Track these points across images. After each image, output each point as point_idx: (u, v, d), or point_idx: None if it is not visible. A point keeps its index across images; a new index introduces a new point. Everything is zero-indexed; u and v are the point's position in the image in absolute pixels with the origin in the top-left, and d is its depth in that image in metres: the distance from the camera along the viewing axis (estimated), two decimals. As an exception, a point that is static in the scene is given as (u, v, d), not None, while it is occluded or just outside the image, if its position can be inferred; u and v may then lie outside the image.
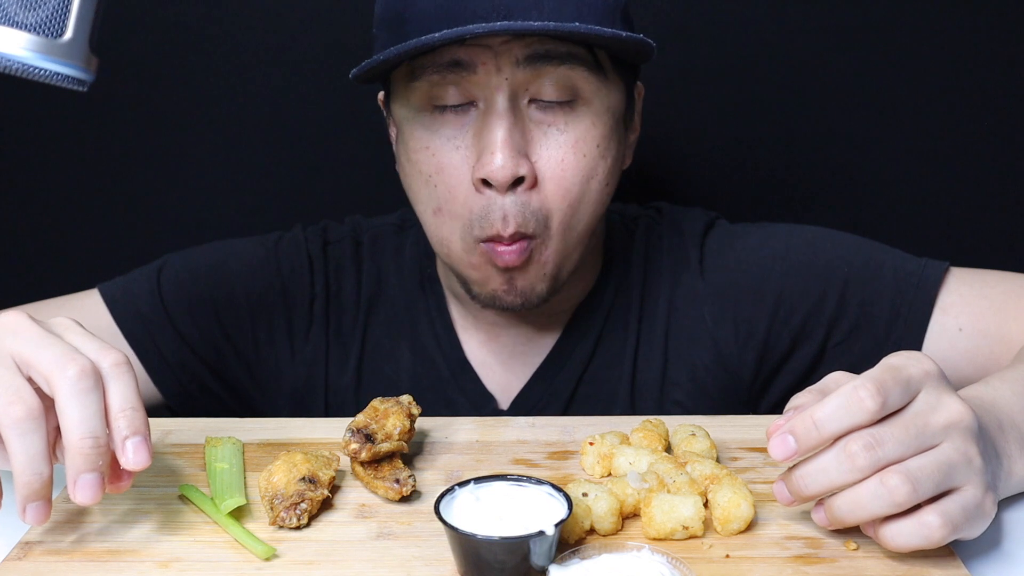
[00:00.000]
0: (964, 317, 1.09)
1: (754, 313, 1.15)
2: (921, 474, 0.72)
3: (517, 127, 1.00)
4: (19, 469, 0.73)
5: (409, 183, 1.08)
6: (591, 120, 1.03)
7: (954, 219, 1.60)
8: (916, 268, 1.12)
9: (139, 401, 0.77)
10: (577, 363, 1.18)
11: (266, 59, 1.56)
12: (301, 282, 1.22)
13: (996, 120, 1.56)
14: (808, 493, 0.75)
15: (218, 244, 1.25)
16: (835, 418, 0.73)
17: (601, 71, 1.03)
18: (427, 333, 1.21)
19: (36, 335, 0.76)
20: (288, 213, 1.58)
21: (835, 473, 0.73)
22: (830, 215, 1.58)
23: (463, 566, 0.75)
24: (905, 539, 0.73)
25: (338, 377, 1.21)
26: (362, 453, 0.85)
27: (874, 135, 1.57)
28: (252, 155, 1.61)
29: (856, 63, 1.54)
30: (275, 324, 1.21)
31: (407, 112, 1.05)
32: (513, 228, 1.01)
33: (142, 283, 1.19)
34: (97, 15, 0.76)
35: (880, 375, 0.74)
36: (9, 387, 0.74)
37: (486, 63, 0.99)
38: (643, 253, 1.21)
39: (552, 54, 0.99)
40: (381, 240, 1.25)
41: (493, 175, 0.99)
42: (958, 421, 0.74)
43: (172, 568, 0.77)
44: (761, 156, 1.59)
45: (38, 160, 1.63)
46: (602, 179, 1.05)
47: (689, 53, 1.54)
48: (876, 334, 1.11)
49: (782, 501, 0.77)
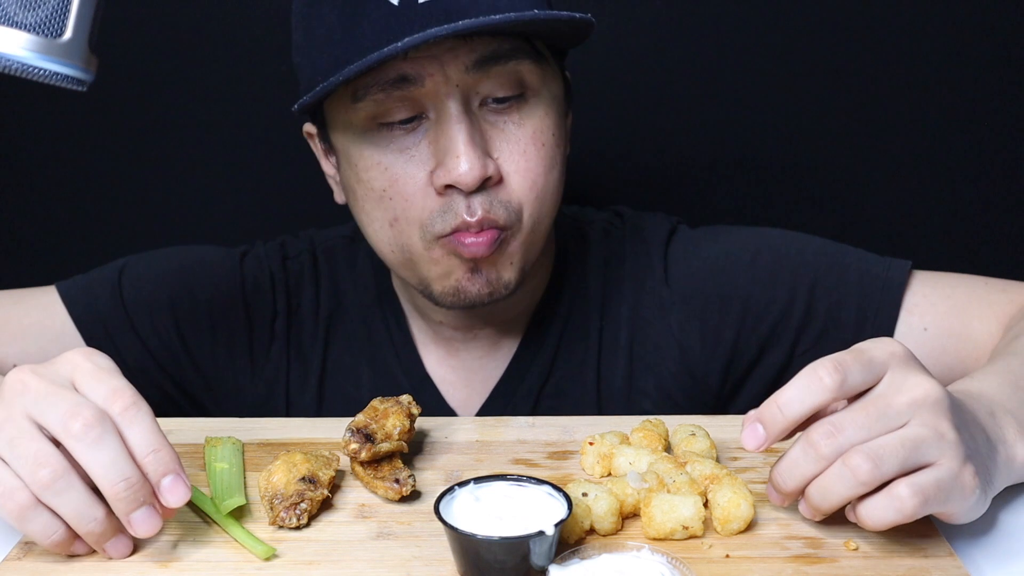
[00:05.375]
0: (929, 317, 1.09)
1: (721, 320, 1.15)
2: (883, 451, 0.72)
3: (476, 128, 0.99)
4: (75, 524, 0.75)
5: (360, 205, 1.05)
6: (543, 110, 1.03)
7: (921, 219, 1.61)
8: (881, 270, 1.12)
9: (161, 439, 0.76)
10: (536, 376, 1.17)
11: (260, 63, 1.56)
12: (263, 300, 1.20)
13: (970, 121, 1.57)
14: (788, 489, 0.76)
15: (181, 249, 1.23)
16: (796, 399, 0.75)
17: (544, 60, 1.02)
18: (387, 349, 1.19)
19: (42, 391, 0.75)
20: (258, 220, 1.60)
21: (804, 465, 0.74)
22: (797, 214, 1.59)
23: (463, 566, 0.75)
24: (880, 514, 0.73)
25: (299, 395, 1.20)
26: (362, 453, 0.85)
27: (840, 134, 1.58)
28: (241, 159, 1.62)
29: (833, 63, 1.55)
30: (236, 341, 1.19)
31: (351, 134, 1.02)
32: (481, 215, 0.99)
33: (102, 284, 1.17)
34: (96, 15, 0.76)
35: (841, 356, 0.75)
36: (28, 454, 0.74)
37: (433, 74, 0.97)
38: (602, 259, 1.19)
39: (499, 53, 0.98)
40: (334, 253, 1.23)
41: (461, 179, 0.97)
42: (924, 398, 0.74)
43: (172, 568, 0.77)
44: (724, 157, 1.60)
45: (36, 159, 1.63)
46: (560, 167, 1.06)
47: (648, 53, 1.55)
48: (844, 338, 1.11)
49: (774, 501, 0.79)
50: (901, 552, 0.77)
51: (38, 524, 0.74)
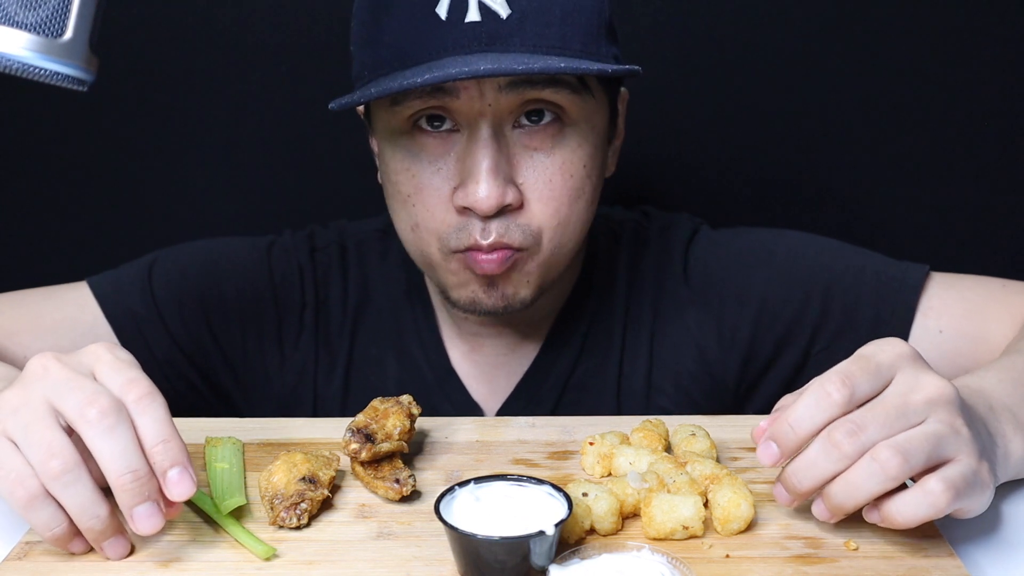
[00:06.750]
0: (944, 319, 1.09)
1: (738, 319, 1.16)
2: (910, 445, 0.72)
3: (502, 153, 0.99)
4: (77, 518, 0.75)
5: (388, 200, 1.08)
6: (577, 142, 1.02)
7: (937, 224, 1.61)
8: (897, 273, 1.12)
9: (172, 431, 0.76)
10: (561, 373, 1.17)
11: (265, 60, 1.56)
12: (292, 291, 1.21)
13: (984, 124, 1.57)
14: (803, 489, 0.76)
15: (209, 243, 1.24)
16: (807, 417, 0.75)
17: (587, 90, 1.01)
18: (413, 342, 1.20)
19: (62, 377, 0.76)
20: (283, 213, 1.59)
21: (824, 464, 0.74)
22: (816, 219, 1.58)
23: (463, 566, 0.75)
24: (912, 511, 0.73)
25: (326, 386, 1.21)
26: (362, 453, 0.85)
27: (861, 139, 1.58)
28: (249, 154, 1.62)
29: (844, 66, 1.55)
30: (265, 332, 1.20)
31: (388, 134, 1.04)
32: (494, 239, 1.00)
33: (133, 279, 1.18)
34: (97, 15, 0.76)
35: (847, 366, 0.75)
36: (41, 442, 0.74)
37: (468, 88, 0.97)
38: (629, 260, 1.20)
39: (535, 80, 0.97)
40: (366, 246, 1.24)
41: (477, 205, 0.98)
42: (938, 396, 0.75)
43: (172, 568, 0.77)
44: (748, 161, 1.60)
45: (37, 159, 1.63)
46: (589, 197, 1.05)
47: (677, 57, 1.55)
48: (859, 339, 1.10)
49: (782, 502, 0.78)
50: (901, 552, 0.77)
51: (44, 515, 0.75)
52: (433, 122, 1.01)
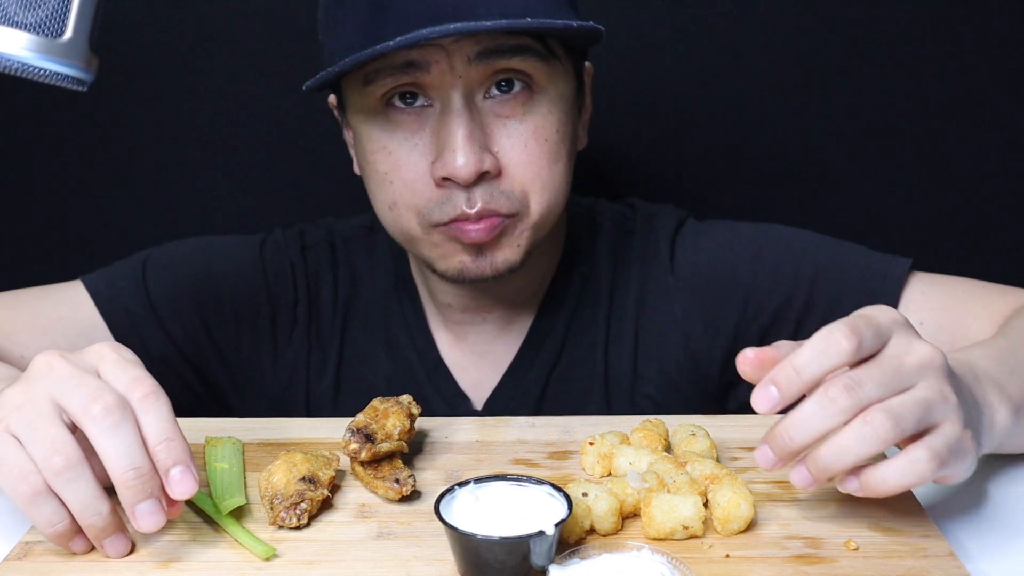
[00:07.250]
0: (925, 312, 1.11)
1: (723, 309, 1.17)
2: (902, 410, 0.73)
3: (476, 123, 1.01)
4: (78, 515, 0.75)
5: (367, 182, 1.10)
6: (547, 107, 1.04)
7: (923, 222, 1.61)
8: (881, 266, 1.14)
9: (175, 429, 0.76)
10: (545, 361, 1.19)
11: (263, 60, 1.56)
12: (285, 288, 1.22)
13: (974, 123, 1.57)
14: (795, 445, 0.74)
15: (200, 241, 1.25)
16: (814, 361, 0.74)
17: (553, 58, 1.04)
18: (402, 334, 1.22)
19: (67, 374, 0.77)
20: (272, 211, 1.59)
21: (819, 419, 0.73)
22: (804, 213, 1.59)
23: (463, 566, 0.75)
24: (897, 479, 0.73)
25: (318, 381, 1.22)
26: (362, 453, 0.85)
27: (852, 134, 1.58)
28: (239, 154, 1.62)
29: (833, 63, 1.55)
30: (259, 328, 1.22)
31: (363, 115, 1.06)
32: (480, 207, 1.02)
33: (127, 278, 1.19)
34: (97, 15, 0.76)
35: (852, 320, 0.75)
36: (45, 438, 0.75)
37: (439, 62, 0.99)
38: (612, 246, 1.22)
39: (503, 48, 1.00)
40: (353, 242, 1.26)
41: (456, 173, 1.00)
42: (929, 361, 0.75)
43: (172, 568, 0.77)
44: (733, 154, 1.60)
45: (35, 159, 1.63)
46: (565, 162, 1.07)
47: (666, 51, 1.55)
48: None
49: (765, 465, 0.76)
50: (901, 552, 0.77)
51: (46, 511, 0.75)
52: (406, 99, 1.03)
